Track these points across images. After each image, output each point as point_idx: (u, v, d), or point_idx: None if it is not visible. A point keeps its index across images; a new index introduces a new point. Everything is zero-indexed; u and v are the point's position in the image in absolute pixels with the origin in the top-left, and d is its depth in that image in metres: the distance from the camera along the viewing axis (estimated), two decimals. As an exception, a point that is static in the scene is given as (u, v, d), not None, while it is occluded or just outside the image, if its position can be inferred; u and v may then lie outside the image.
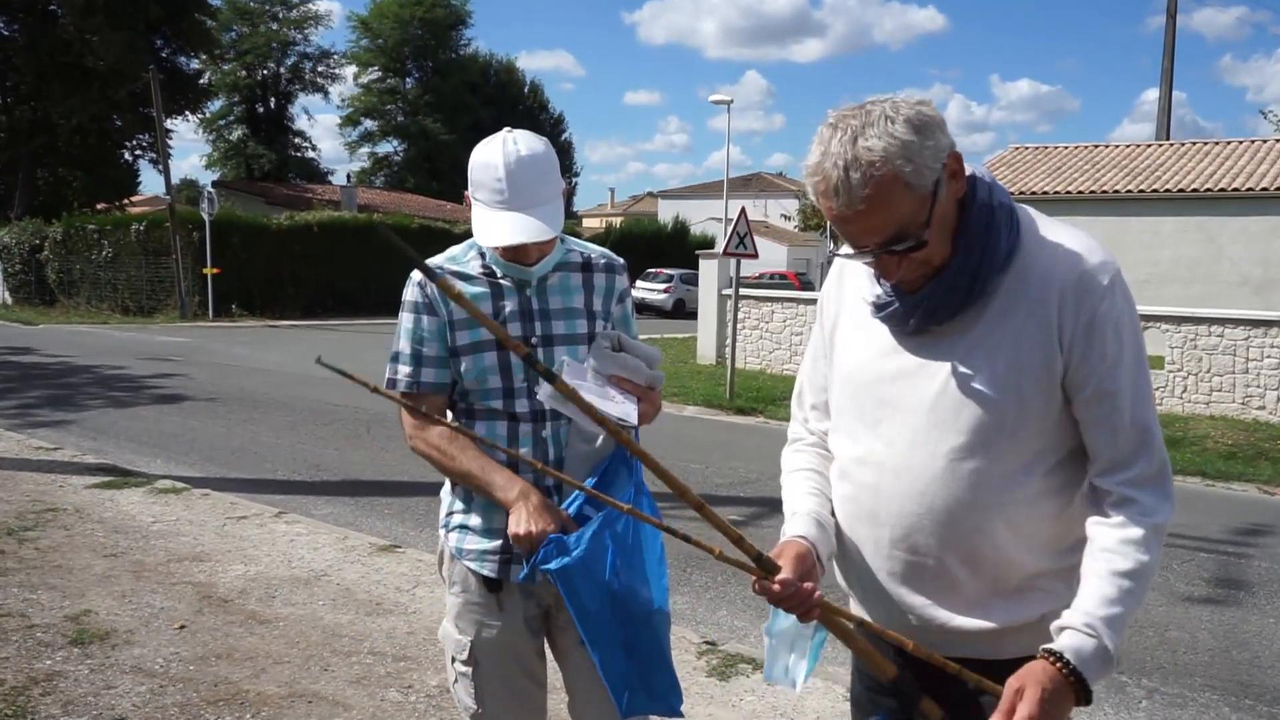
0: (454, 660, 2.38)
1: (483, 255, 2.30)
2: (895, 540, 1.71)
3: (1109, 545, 1.58)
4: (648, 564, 2.20)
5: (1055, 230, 1.67)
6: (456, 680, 2.39)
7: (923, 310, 1.65)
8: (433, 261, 2.28)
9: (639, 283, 33.69)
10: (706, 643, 4.60)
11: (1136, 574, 1.56)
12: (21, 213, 33.19)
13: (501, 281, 2.28)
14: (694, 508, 1.61)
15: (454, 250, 2.35)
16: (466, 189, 2.26)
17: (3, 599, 4.86)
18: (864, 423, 1.76)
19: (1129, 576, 1.55)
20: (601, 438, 2.24)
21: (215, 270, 25.52)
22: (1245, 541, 7.12)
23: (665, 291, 33.42)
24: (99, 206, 37.21)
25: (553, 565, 2.07)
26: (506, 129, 2.24)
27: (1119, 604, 1.54)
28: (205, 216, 25.65)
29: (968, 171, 1.64)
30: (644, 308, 32.79)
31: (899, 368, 1.71)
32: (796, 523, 1.78)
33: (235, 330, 23.21)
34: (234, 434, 9.96)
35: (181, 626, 4.61)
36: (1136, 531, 1.57)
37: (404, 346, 2.29)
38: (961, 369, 1.64)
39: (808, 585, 1.63)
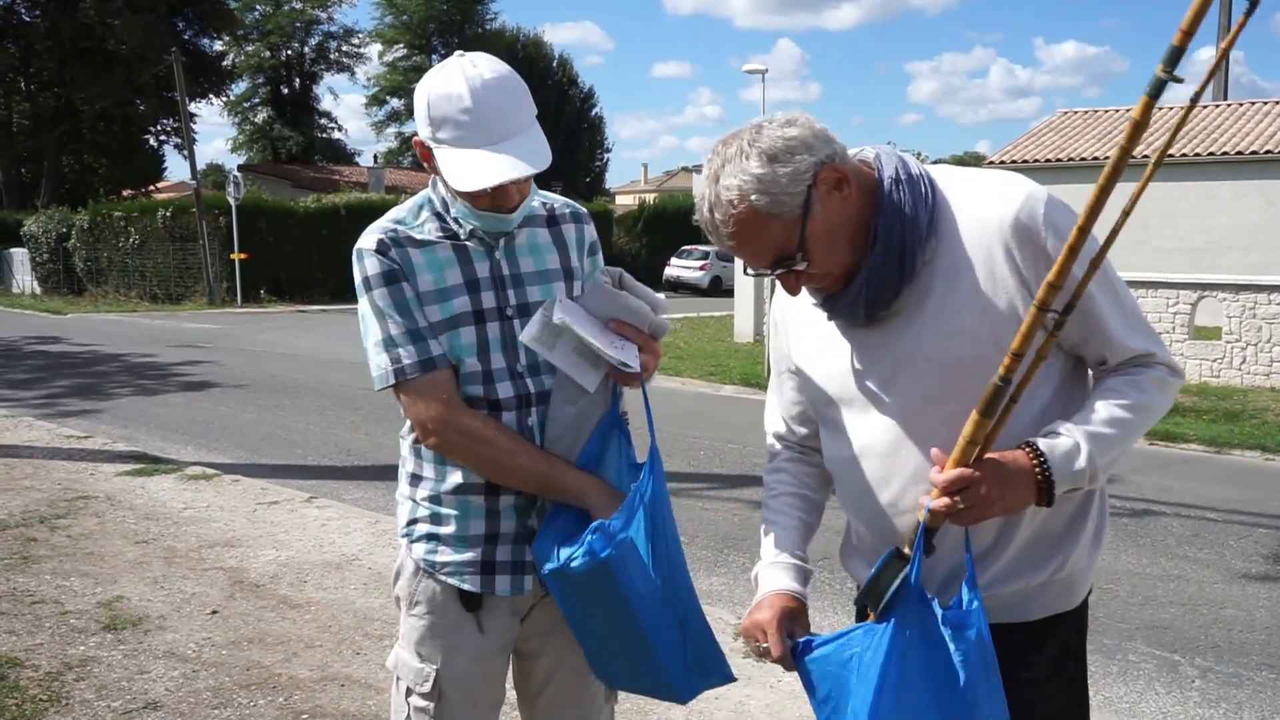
0: (410, 693, 2.05)
1: (439, 215, 1.98)
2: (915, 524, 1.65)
3: (1111, 385, 1.63)
4: (676, 531, 2.00)
5: (973, 179, 1.68)
6: (409, 715, 2.06)
7: (864, 300, 1.65)
8: (378, 225, 1.96)
9: (673, 260, 33.30)
10: (744, 624, 4.51)
11: (1134, 407, 1.60)
12: (48, 201, 33.43)
13: (467, 244, 1.96)
14: None
15: (398, 213, 1.99)
16: (416, 135, 1.92)
17: (36, 585, 4.86)
18: (853, 421, 1.75)
19: (1125, 408, 1.60)
20: (583, 401, 1.96)
21: (243, 256, 25.64)
22: (1303, 517, 6.90)
23: (701, 269, 32.75)
24: (125, 193, 37.47)
25: (610, 551, 1.85)
26: (458, 53, 1.89)
27: (1107, 426, 1.58)
28: (231, 201, 25.77)
29: (871, 155, 1.67)
30: (679, 285, 32.50)
31: (871, 359, 1.70)
32: (778, 574, 1.83)
33: (264, 316, 23.31)
34: (264, 420, 9.96)
35: (213, 612, 4.59)
36: (1141, 378, 1.63)
37: (394, 328, 1.91)
38: (933, 339, 1.64)
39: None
